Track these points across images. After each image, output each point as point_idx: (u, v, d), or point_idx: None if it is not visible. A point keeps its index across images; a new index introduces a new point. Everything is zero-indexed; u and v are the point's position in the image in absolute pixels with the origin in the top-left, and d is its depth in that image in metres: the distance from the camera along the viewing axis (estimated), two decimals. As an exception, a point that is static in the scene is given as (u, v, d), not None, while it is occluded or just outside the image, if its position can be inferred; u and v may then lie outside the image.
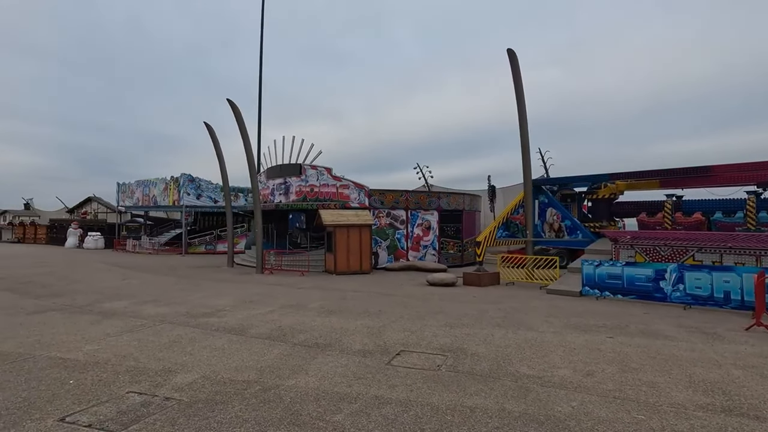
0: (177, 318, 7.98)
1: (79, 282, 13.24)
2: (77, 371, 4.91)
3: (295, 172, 20.18)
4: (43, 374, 4.80)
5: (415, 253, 19.17)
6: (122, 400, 4.06)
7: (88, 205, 41.16)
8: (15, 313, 8.26)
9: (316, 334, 6.75)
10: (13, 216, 44.66)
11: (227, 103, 15.85)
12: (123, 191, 32.47)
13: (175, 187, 27.69)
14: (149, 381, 4.60)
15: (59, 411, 3.82)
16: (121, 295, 10.63)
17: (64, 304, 9.32)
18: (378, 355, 5.62)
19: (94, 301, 9.80)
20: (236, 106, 16.06)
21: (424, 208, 19.36)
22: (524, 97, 13.93)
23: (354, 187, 18.84)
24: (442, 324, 7.60)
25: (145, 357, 5.48)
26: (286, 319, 7.90)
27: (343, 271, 16.35)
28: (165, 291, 11.53)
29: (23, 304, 9.35)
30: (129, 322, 7.55)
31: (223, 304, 9.57)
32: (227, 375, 4.81)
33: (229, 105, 15.97)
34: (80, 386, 4.44)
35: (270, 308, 9.08)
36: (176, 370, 4.98)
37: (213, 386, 4.46)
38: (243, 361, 5.35)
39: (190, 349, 5.85)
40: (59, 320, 7.70)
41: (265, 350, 5.84)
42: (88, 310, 8.75)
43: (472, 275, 13.31)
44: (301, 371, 4.95)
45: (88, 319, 7.86)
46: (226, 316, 8.22)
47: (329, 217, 16.68)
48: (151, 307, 9.06)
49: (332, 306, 9.39)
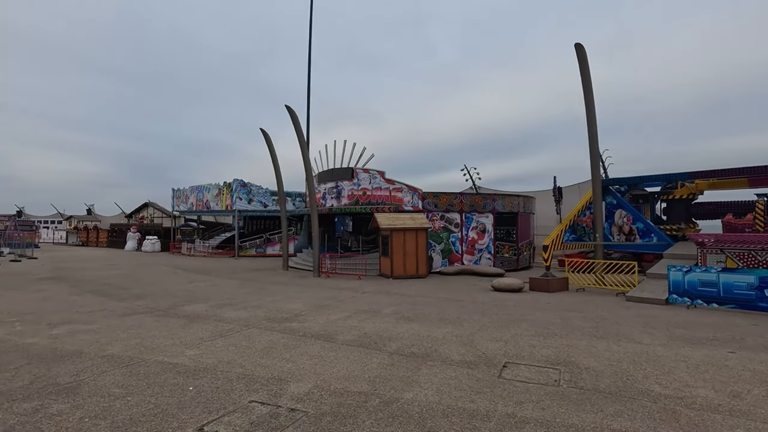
0: (260, 322, 8.05)
1: (151, 285, 13.79)
2: (190, 377, 4.97)
3: (347, 175, 20.27)
4: (160, 379, 4.88)
5: (470, 256, 18.73)
6: (249, 411, 4.02)
7: (145, 210, 43.37)
8: (108, 316, 8.62)
9: (407, 343, 6.57)
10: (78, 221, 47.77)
11: (285, 109, 16.10)
12: (178, 196, 33.91)
13: (228, 192, 28.58)
14: (265, 390, 4.56)
15: (194, 420, 3.82)
16: (197, 299, 10.93)
17: (148, 307, 9.66)
18: (484, 367, 5.36)
19: (173, 304, 10.12)
20: (294, 111, 16.29)
21: (478, 210, 18.90)
22: (593, 93, 13.26)
23: (407, 190, 18.67)
24: (532, 333, 7.24)
25: (249, 364, 5.49)
26: (368, 326, 7.78)
27: (400, 275, 16.18)
28: (235, 294, 11.77)
29: (111, 306, 9.78)
30: (217, 327, 7.68)
31: (297, 308, 9.61)
32: (339, 385, 4.70)
33: (288, 111, 16.22)
34: (201, 393, 4.46)
35: (345, 313, 9.02)
36: (286, 378, 4.93)
37: (331, 397, 4.36)
38: (348, 370, 5.24)
39: (288, 356, 5.82)
40: (150, 323, 7.95)
41: (364, 359, 5.72)
42: (173, 313, 9.01)
43: (540, 280, 12.76)
44: (413, 383, 4.78)
45: (176, 322, 8.06)
46: (307, 321, 8.22)
47: (385, 220, 16.57)
48: (230, 311, 9.22)
49: (407, 312, 9.21)
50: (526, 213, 20.79)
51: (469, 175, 29.28)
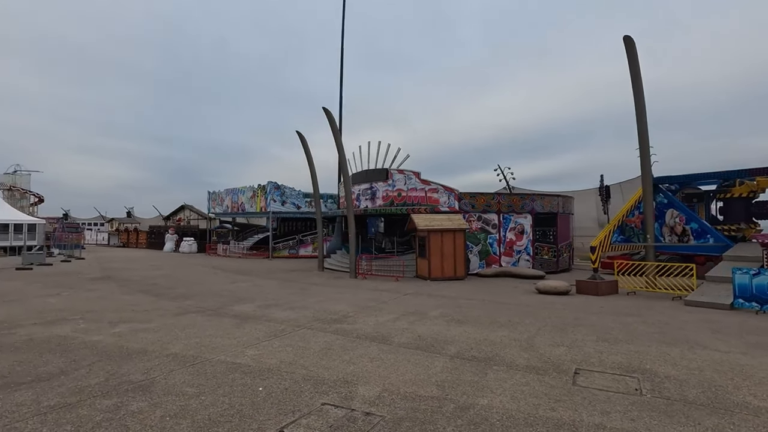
0: (310, 323, 8.05)
1: (196, 284, 14.13)
2: (257, 377, 4.97)
3: (381, 177, 20.23)
4: (228, 379, 4.91)
5: (508, 258, 18.31)
6: (324, 414, 3.96)
7: (182, 213, 44.80)
8: (163, 315, 8.84)
9: (465, 347, 6.40)
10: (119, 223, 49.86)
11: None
12: (213, 199, 34.80)
13: (262, 195, 29.10)
14: (334, 392, 4.50)
15: (272, 421, 3.79)
16: (243, 299, 11.09)
17: (198, 306, 9.86)
18: (554, 373, 5.13)
19: (222, 304, 10.29)
20: (330, 113, 16.38)
21: (516, 211, 18.46)
22: (642, 87, 12.68)
23: (443, 191, 18.45)
24: (594, 338, 6.92)
25: (311, 365, 5.45)
26: (420, 329, 7.65)
27: (437, 277, 15.97)
28: (278, 295, 11.88)
29: (163, 305, 10.03)
30: (269, 327, 7.72)
31: (342, 309, 9.58)
32: (408, 389, 4.59)
33: (325, 113, 16.32)
34: (272, 394, 4.44)
35: (393, 315, 8.92)
36: (352, 381, 4.86)
37: (403, 401, 4.25)
38: (412, 373, 5.12)
39: (348, 358, 5.76)
40: (204, 322, 8.09)
41: (426, 362, 5.59)
42: (223, 312, 9.15)
43: (588, 283, 12.29)
44: (484, 388, 4.61)
45: (229, 322, 8.17)
46: (356, 323, 8.16)
47: (422, 221, 16.40)
48: (278, 311, 9.28)
49: (455, 315, 9.02)
50: (566, 213, 20.17)
51: (503, 175, 28.81)
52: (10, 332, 7.16)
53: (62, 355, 5.84)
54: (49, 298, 10.96)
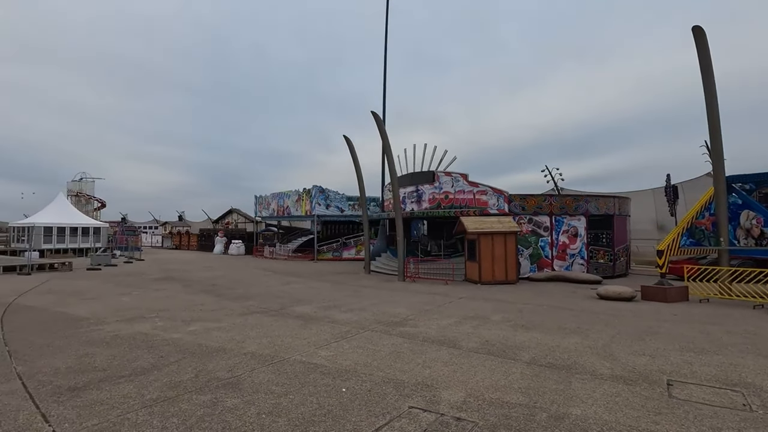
0: (372, 326, 8.10)
1: (252, 286, 14.61)
2: (337, 378, 5.04)
3: (427, 179, 20.13)
4: (309, 379, 5.01)
5: (560, 262, 17.68)
6: (414, 417, 3.95)
7: (230, 216, 46.67)
8: (229, 315, 9.19)
9: (539, 353, 6.21)
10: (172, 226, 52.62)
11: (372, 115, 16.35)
12: (260, 203, 35.97)
13: (308, 198, 29.76)
14: (418, 396, 4.49)
15: (365, 423, 3.82)
16: (300, 300, 11.34)
17: (260, 307, 10.17)
18: (644, 384, 4.86)
19: (282, 305, 10.56)
20: (379, 117, 16.50)
21: (570, 213, 17.80)
22: (714, 81, 11.87)
23: (492, 193, 18.10)
24: (677, 348, 6.51)
25: (386, 368, 5.47)
26: (485, 333, 7.51)
27: (488, 280, 15.66)
28: (333, 296, 12.05)
29: (227, 305, 10.44)
30: (333, 328, 7.84)
31: (401, 312, 9.58)
32: (492, 395, 4.50)
33: (374, 117, 16.47)
34: (356, 396, 4.48)
35: (453, 319, 8.81)
36: (432, 385, 4.82)
37: (492, 408, 4.16)
38: (492, 379, 5.02)
39: (421, 362, 5.73)
40: (270, 323, 8.33)
41: (502, 368, 5.46)
42: (285, 313, 9.39)
43: (656, 289, 11.61)
44: (573, 397, 4.44)
45: (293, 323, 8.37)
46: (418, 326, 8.13)
47: (471, 224, 16.16)
48: (338, 313, 9.41)
49: (517, 320, 8.79)
50: (622, 215, 19.22)
51: (551, 176, 27.91)
52: (98, 328, 7.68)
53: (149, 351, 6.18)
54: (123, 297, 11.69)
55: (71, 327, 7.76)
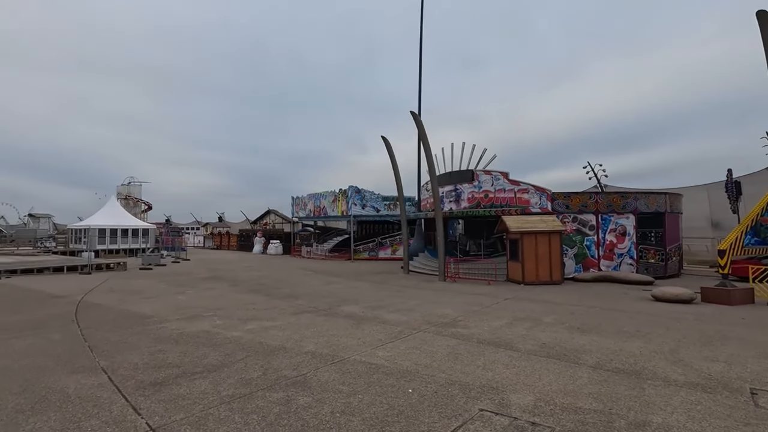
0: (423, 326, 8.11)
1: (297, 285, 14.96)
2: (400, 379, 5.09)
3: (466, 178, 19.92)
4: (374, 379, 5.08)
5: (607, 262, 17.04)
6: (488, 420, 3.93)
7: (267, 217, 47.97)
8: (282, 314, 9.45)
9: (602, 357, 6.02)
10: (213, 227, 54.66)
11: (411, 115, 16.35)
12: (297, 204, 36.72)
13: (344, 199, 30.12)
14: (486, 398, 4.46)
15: (439, 425, 3.84)
16: (346, 300, 11.50)
17: (310, 306, 10.40)
18: (724, 392, 4.62)
19: (330, 304, 10.75)
20: (418, 117, 16.48)
21: (617, 211, 17.13)
22: (781, 69, 11.08)
23: (534, 191, 17.69)
24: (753, 354, 6.14)
25: (447, 369, 5.47)
26: (541, 335, 7.36)
27: (532, 281, 15.32)
28: (377, 296, 12.15)
29: (278, 304, 10.73)
30: (386, 329, 7.91)
31: (449, 313, 9.54)
32: (563, 400, 4.41)
33: (413, 117, 16.47)
34: (424, 397, 4.51)
35: (504, 320, 8.69)
36: (498, 387, 4.78)
37: (565, 413, 4.08)
38: (559, 383, 4.92)
39: (480, 364, 5.70)
40: (322, 322, 8.50)
41: (567, 372, 5.33)
42: (334, 313, 9.56)
43: (718, 291, 10.99)
44: (649, 404, 4.28)
45: (345, 322, 8.50)
46: (469, 327, 8.07)
47: (514, 223, 15.85)
48: (386, 313, 9.48)
49: (571, 321, 8.56)
50: (674, 213, 18.30)
51: (593, 172, 26.91)
52: (163, 326, 8.10)
53: (214, 349, 6.46)
54: (178, 296, 12.25)
55: (139, 324, 8.22)
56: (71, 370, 5.39)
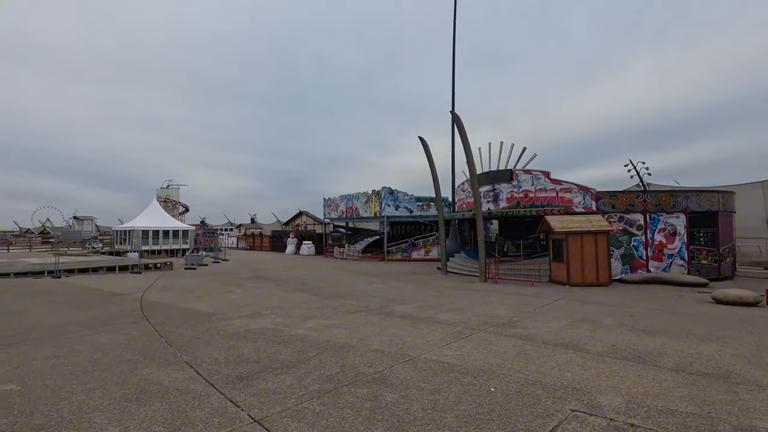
0: (481, 326, 8.08)
1: (340, 285, 15.16)
2: (478, 377, 5.10)
3: (505, 178, 19.70)
4: (452, 378, 5.11)
5: (656, 263, 16.48)
6: (583, 421, 3.90)
7: (299, 218, 48.79)
8: (337, 312, 9.62)
9: (680, 360, 5.85)
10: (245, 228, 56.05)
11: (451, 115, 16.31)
12: (328, 205, 37.19)
13: (377, 200, 30.29)
14: (573, 399, 4.42)
15: (535, 424, 3.84)
16: (394, 300, 11.58)
17: (361, 305, 10.53)
18: (827, 399, 4.41)
19: (380, 304, 10.85)
20: (458, 117, 16.41)
21: (667, 210, 16.54)
22: None
23: (577, 190, 17.31)
24: None
25: (522, 369, 5.45)
26: (605, 337, 7.21)
27: (577, 282, 14.98)
28: (423, 297, 12.17)
29: (329, 304, 10.92)
30: (444, 329, 7.93)
31: (502, 314, 9.46)
32: (655, 403, 4.32)
33: (452, 117, 16.44)
34: (509, 396, 4.51)
35: (563, 321, 8.55)
36: (581, 389, 4.73)
37: (663, 416, 3.99)
38: (645, 386, 4.81)
39: (554, 364, 5.64)
40: (379, 321, 8.59)
41: (649, 374, 5.21)
42: (387, 312, 9.65)
43: (786, 293, 10.46)
44: (750, 410, 4.14)
45: (401, 322, 8.57)
46: (529, 328, 7.99)
47: (558, 223, 15.56)
48: (439, 313, 9.50)
49: (634, 323, 8.33)
50: (727, 212, 17.53)
51: (635, 170, 26.04)
52: (227, 323, 8.39)
53: (285, 346, 6.64)
54: (230, 294, 12.64)
55: (204, 321, 8.54)
56: (159, 363, 5.67)
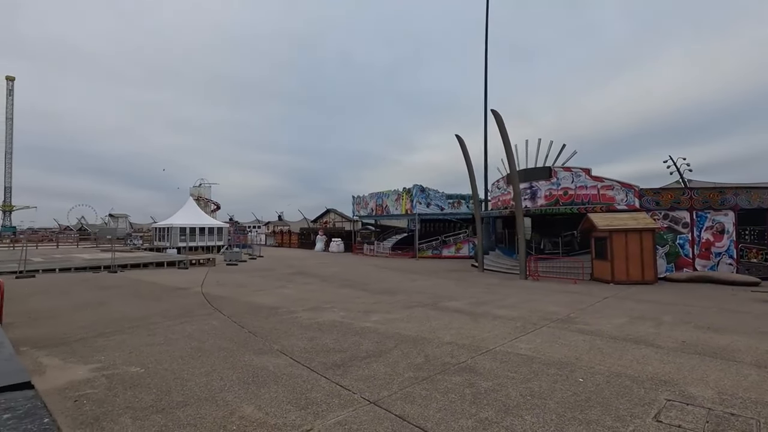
0: (541, 322, 8.26)
1: (383, 282, 15.49)
2: (562, 369, 5.32)
3: (543, 175, 19.65)
4: (536, 368, 5.35)
5: (703, 261, 16.20)
6: (681, 409, 4.09)
7: (327, 216, 49.57)
8: (394, 307, 9.94)
9: (758, 356, 5.93)
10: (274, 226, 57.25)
11: (492, 113, 16.42)
12: (357, 202, 37.65)
13: (408, 197, 30.55)
14: (664, 390, 4.60)
15: (640, 411, 4.05)
16: (442, 296, 11.83)
17: (414, 301, 10.82)
18: None
19: (432, 300, 11.12)
20: (499, 115, 16.49)
21: (714, 207, 16.22)
22: None
23: (620, 188, 17.16)
24: None
25: (601, 362, 5.63)
26: (672, 333, 7.29)
27: (622, 280, 14.90)
28: (471, 293, 12.38)
29: (383, 299, 11.25)
30: (505, 324, 8.14)
31: (557, 310, 9.60)
32: (747, 395, 4.46)
33: (493, 115, 16.52)
34: (599, 387, 4.73)
35: (623, 318, 8.65)
36: (669, 381, 4.90)
37: (760, 407, 4.15)
38: (732, 379, 4.95)
39: (632, 358, 5.80)
40: (438, 316, 8.87)
41: (732, 369, 5.33)
42: (442, 308, 9.91)
43: None
44: None
45: (460, 317, 8.82)
46: (589, 324, 8.13)
47: (602, 221, 15.48)
48: (493, 309, 9.70)
49: (696, 321, 8.36)
50: (777, 209, 17.02)
51: (675, 166, 25.56)
52: (295, 316, 8.82)
53: (361, 337, 6.99)
54: (283, 289, 13.15)
55: (273, 314, 9.00)
56: (255, 351, 6.11)
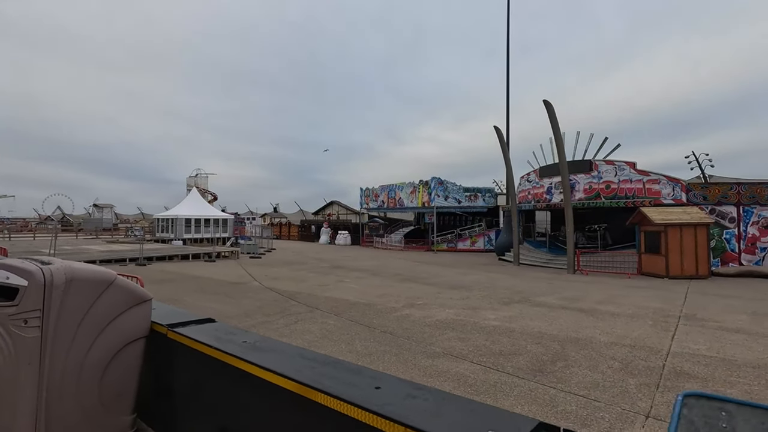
0: (670, 320, 7.94)
1: (434, 277, 14.95)
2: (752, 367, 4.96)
3: (582, 168, 19.46)
4: (736, 373, 4.96)
5: (749, 256, 16.31)
6: None
7: (331, 208, 48.59)
8: (490, 303, 9.44)
9: None
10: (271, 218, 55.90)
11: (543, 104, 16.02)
12: (366, 195, 36.94)
13: (425, 190, 30.05)
14: None
15: None
16: (522, 291, 11.40)
17: (500, 297, 10.34)
18: None
19: (518, 297, 10.68)
20: (552, 106, 16.11)
21: (761, 202, 16.31)
22: None
23: (666, 182, 17.09)
24: None
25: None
26: None
27: (676, 275, 14.83)
28: (543, 289, 12.00)
29: (463, 295, 10.70)
30: (633, 321, 7.78)
31: (663, 306, 9.32)
32: None
33: (545, 106, 16.13)
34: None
35: (737, 315, 8.41)
36: None
37: None
38: None
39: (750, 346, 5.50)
40: (550, 314, 8.43)
41: None
42: (537, 303, 9.49)
43: None
44: None
45: (576, 315, 8.39)
46: (720, 321, 7.86)
47: (657, 215, 15.36)
48: (595, 305, 9.33)
49: (814, 318, 8.20)
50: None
51: (697, 162, 25.82)
52: (404, 314, 8.20)
53: (510, 338, 6.47)
54: (344, 284, 12.47)
55: (377, 313, 8.35)
56: (423, 354, 5.53)
